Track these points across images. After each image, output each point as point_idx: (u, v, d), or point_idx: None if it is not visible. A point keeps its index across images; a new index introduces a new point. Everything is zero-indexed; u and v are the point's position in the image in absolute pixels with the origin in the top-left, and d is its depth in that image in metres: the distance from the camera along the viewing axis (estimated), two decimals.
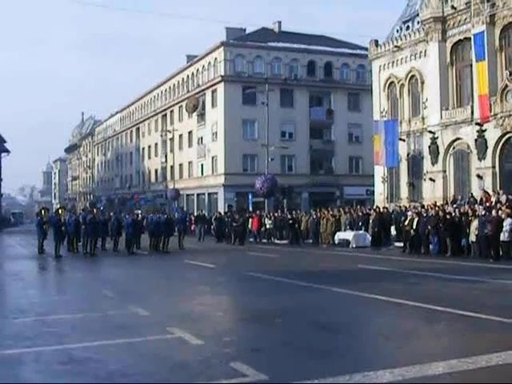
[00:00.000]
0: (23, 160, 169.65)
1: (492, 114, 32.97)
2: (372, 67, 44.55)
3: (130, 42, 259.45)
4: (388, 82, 41.99)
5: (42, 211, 28.87)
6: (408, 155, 39.93)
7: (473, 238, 23.15)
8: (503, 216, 22.03)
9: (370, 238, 30.53)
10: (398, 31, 42.40)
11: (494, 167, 33.62)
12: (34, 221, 29.95)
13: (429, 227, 25.16)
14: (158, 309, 11.79)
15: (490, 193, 29.82)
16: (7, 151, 79.34)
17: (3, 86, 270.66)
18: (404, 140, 39.61)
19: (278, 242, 36.69)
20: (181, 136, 67.45)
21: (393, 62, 41.60)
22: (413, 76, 39.88)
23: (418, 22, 39.34)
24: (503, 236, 21.65)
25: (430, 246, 25.40)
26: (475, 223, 22.97)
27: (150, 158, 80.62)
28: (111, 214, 35.56)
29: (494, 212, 22.66)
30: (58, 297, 14.60)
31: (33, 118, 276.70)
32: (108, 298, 13.45)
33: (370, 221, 31.11)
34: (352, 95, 61.31)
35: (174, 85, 71.63)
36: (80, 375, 6.95)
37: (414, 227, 26.04)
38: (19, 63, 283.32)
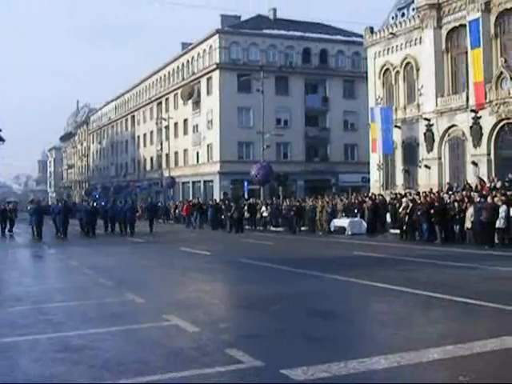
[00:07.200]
0: (18, 149, 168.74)
1: (487, 100, 32.96)
2: (367, 54, 44.39)
3: (125, 30, 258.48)
4: (383, 69, 41.88)
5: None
6: (403, 142, 39.91)
7: (468, 224, 23.16)
8: (498, 203, 22.03)
9: (366, 225, 30.57)
10: (393, 18, 42.25)
11: (489, 154, 33.63)
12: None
13: (418, 213, 25.16)
14: (154, 296, 11.75)
15: (485, 180, 29.86)
16: (2, 140, 79.00)
17: None
18: (399, 127, 39.60)
19: (274, 229, 36.74)
20: (176, 124, 67.35)
21: (388, 49, 41.49)
22: (408, 63, 39.79)
23: (414, 9, 39.17)
24: (498, 223, 21.66)
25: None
26: (471, 210, 22.98)
27: (145, 145, 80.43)
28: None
29: (489, 199, 22.63)
30: (53, 285, 14.56)
31: (28, 106, 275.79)
32: (103, 285, 13.43)
33: (366, 208, 31.15)
34: (347, 82, 61.24)
35: (168, 72, 71.39)
36: (76, 363, 6.94)
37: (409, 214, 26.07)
38: (13, 53, 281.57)
